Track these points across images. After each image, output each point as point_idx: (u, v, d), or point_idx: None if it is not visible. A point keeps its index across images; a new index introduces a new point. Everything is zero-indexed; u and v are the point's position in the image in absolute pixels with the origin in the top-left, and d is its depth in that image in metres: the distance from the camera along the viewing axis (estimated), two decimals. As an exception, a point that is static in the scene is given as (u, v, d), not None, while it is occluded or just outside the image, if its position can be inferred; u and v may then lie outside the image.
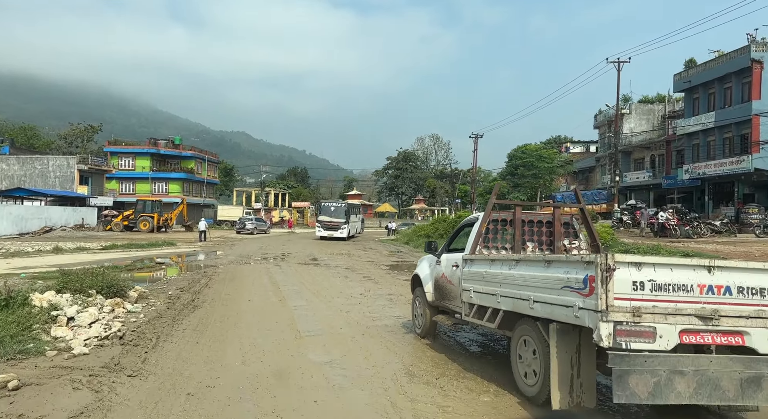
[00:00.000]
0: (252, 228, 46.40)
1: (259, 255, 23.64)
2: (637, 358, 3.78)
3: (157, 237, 35.77)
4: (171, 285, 12.91)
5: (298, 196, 77.45)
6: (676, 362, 3.82)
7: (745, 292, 4.01)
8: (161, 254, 23.77)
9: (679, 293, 3.91)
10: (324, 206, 37.40)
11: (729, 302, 3.97)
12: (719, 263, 4.06)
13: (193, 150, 64.32)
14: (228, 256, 22.84)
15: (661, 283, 3.90)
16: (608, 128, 45.80)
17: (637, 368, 3.75)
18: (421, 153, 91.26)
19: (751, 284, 4.03)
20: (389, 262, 21.66)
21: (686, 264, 4.05)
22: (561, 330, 4.31)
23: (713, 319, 3.90)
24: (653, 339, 3.83)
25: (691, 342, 3.93)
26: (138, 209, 43.26)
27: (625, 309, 3.80)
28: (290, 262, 20.30)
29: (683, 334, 3.88)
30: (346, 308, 10.15)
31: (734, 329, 3.96)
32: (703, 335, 3.92)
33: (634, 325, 3.81)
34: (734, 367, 3.88)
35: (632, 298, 3.83)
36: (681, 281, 3.93)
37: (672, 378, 3.77)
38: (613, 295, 3.78)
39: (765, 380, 3.87)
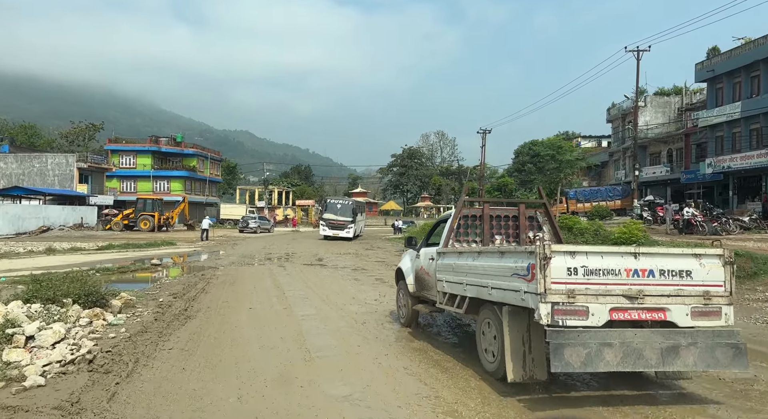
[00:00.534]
0: (255, 227, 45.09)
1: (263, 255, 22.31)
2: (571, 333, 4.32)
3: (156, 237, 34.49)
4: (163, 291, 11.57)
5: (302, 194, 76.08)
6: (605, 336, 4.37)
7: (666, 274, 4.57)
8: (159, 254, 22.45)
9: (609, 277, 4.47)
10: (329, 204, 34.60)
11: (652, 284, 4.54)
12: (643, 249, 4.65)
13: (195, 148, 63.01)
14: (229, 256, 21.51)
15: (592, 268, 4.46)
16: (622, 121, 44.24)
17: (571, 342, 4.29)
18: (426, 150, 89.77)
19: (671, 267, 4.60)
20: (401, 262, 20.31)
21: (615, 252, 4.66)
22: (512, 311, 4.88)
23: (639, 298, 4.47)
24: (586, 316, 4.39)
25: (620, 318, 4.47)
26: (138, 208, 41.99)
27: (561, 292, 4.35)
28: (295, 263, 18.95)
29: (613, 312, 4.45)
30: (362, 317, 8.77)
31: (657, 306, 4.51)
32: (630, 312, 4.48)
33: (569, 305, 4.36)
34: (655, 339, 4.44)
35: (567, 282, 4.38)
36: (610, 266, 4.49)
37: (601, 349, 4.32)
38: (550, 280, 4.34)
39: (682, 349, 4.44)
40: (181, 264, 18.49)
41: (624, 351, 4.38)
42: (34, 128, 73.30)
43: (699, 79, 31.60)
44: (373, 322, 8.37)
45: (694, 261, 4.70)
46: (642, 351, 4.42)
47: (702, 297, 4.63)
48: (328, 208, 34.12)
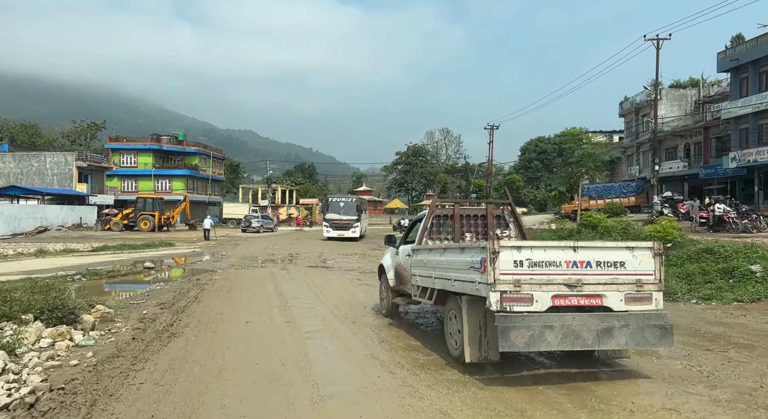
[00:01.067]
0: (258, 226, 43.74)
1: (265, 256, 20.95)
2: (517, 317, 4.87)
3: (156, 237, 33.18)
4: (151, 299, 10.20)
5: (305, 192, 74.69)
6: (547, 319, 4.91)
7: (602, 265, 5.12)
8: (155, 256, 21.11)
9: (551, 268, 5.02)
10: (332, 202, 31.16)
11: (590, 273, 5.08)
12: (582, 244, 5.24)
13: (198, 146, 61.72)
14: (230, 258, 20.15)
15: (536, 261, 5.00)
16: (635, 115, 42.65)
17: (517, 325, 4.85)
18: (431, 148, 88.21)
19: (607, 259, 5.15)
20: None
21: (556, 246, 5.21)
22: (470, 300, 5.49)
23: (578, 286, 5.04)
24: (531, 303, 4.93)
25: (561, 304, 5.01)
26: (138, 208, 40.72)
27: (508, 282, 4.92)
28: (299, 265, 17.57)
29: (555, 298, 4.99)
30: (380, 334, 7.37)
31: (594, 293, 5.09)
32: (570, 299, 5.04)
33: (515, 293, 4.92)
34: (592, 322, 4.99)
35: (514, 273, 4.94)
36: (552, 258, 5.03)
37: (543, 331, 4.87)
38: (499, 271, 4.90)
39: (615, 330, 5.00)
40: (176, 267, 17.11)
41: (564, 333, 4.86)
42: (35, 127, 72.11)
43: (721, 69, 30.01)
44: (399, 344, 6.97)
45: (628, 253, 5.17)
46: (580, 332, 4.90)
47: (635, 285, 5.12)
48: (330, 207, 30.78)
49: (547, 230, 21.62)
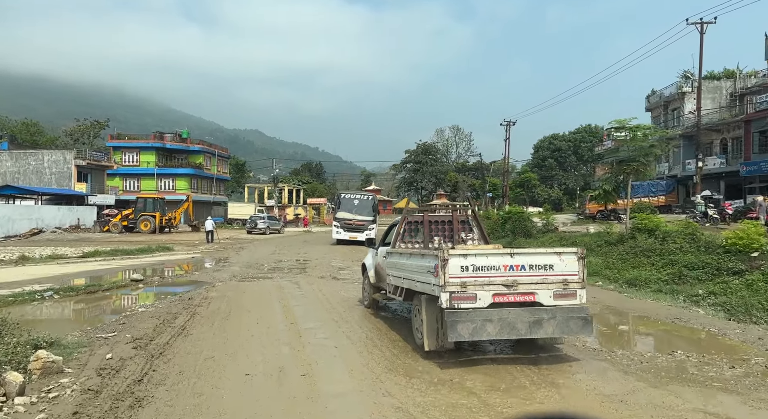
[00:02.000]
0: (264, 227, 41.47)
1: (271, 263, 18.63)
2: (462, 313, 5.75)
3: (156, 240, 30.98)
4: (125, 331, 7.87)
5: (313, 192, 72.42)
6: (487, 314, 5.79)
7: (535, 267, 5.99)
8: (149, 264, 18.84)
9: (491, 271, 5.91)
10: (344, 199, 27.08)
11: (524, 275, 5.97)
12: (517, 250, 6.21)
13: (202, 144, 59.52)
14: (232, 265, 17.84)
15: (479, 266, 5.89)
16: (664, 109, 39.98)
17: (462, 319, 5.71)
18: (442, 145, 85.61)
19: (538, 263, 6.02)
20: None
21: (496, 253, 6.19)
22: (428, 299, 6.33)
23: (514, 286, 5.93)
24: (475, 301, 5.82)
25: (500, 301, 5.90)
26: (138, 208, 38.56)
27: (456, 284, 5.80)
28: (311, 275, 15.22)
29: (495, 296, 5.89)
30: (454, 410, 4.98)
31: (528, 291, 5.96)
32: (507, 296, 5.92)
33: (462, 293, 5.80)
34: (525, 315, 5.85)
35: (461, 276, 5.83)
36: (492, 263, 5.93)
37: (484, 323, 5.74)
38: (448, 275, 5.79)
39: (544, 321, 5.87)
40: (168, 280, 14.76)
41: (501, 325, 5.78)
42: (36, 125, 70.17)
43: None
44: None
45: (556, 258, 6.10)
46: (515, 324, 5.81)
47: (562, 284, 6.03)
48: (341, 205, 26.50)
49: (590, 235, 19.12)
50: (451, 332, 5.69)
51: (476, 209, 8.96)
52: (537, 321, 5.83)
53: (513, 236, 21.88)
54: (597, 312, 10.11)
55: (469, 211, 9.23)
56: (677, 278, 12.66)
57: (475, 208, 9.02)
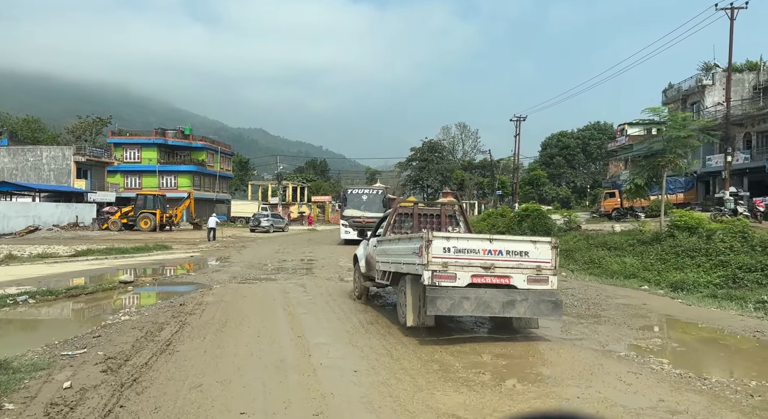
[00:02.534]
0: (268, 226, 40.10)
1: (275, 263, 17.26)
2: (442, 290, 6.24)
3: (155, 238, 29.66)
4: (97, 347, 6.48)
5: (317, 190, 70.99)
6: (465, 292, 6.26)
7: (511, 253, 6.43)
8: (143, 263, 17.48)
9: (471, 254, 6.35)
10: (351, 195, 24.43)
11: (501, 259, 6.40)
12: (496, 236, 6.60)
13: (205, 141, 58.17)
14: (233, 265, 16.46)
15: (460, 248, 6.34)
16: (683, 103, 38.35)
17: (442, 295, 6.21)
18: (448, 143, 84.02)
19: (515, 249, 6.46)
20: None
21: (476, 238, 6.59)
22: (412, 279, 6.84)
23: (491, 269, 6.36)
24: (455, 280, 6.28)
25: (478, 281, 6.35)
26: (138, 205, 37.24)
27: (438, 263, 6.25)
28: (318, 276, 13.82)
29: (473, 277, 6.34)
30: None
31: (504, 274, 6.40)
32: (485, 278, 6.37)
33: (443, 272, 6.25)
34: (499, 295, 6.32)
35: (443, 257, 6.27)
36: (472, 247, 6.37)
37: (462, 301, 6.22)
38: (431, 256, 6.23)
39: (517, 303, 6.33)
40: (161, 281, 13.36)
41: (477, 303, 6.24)
42: (38, 122, 69.06)
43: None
44: None
45: (531, 245, 6.53)
46: (489, 303, 6.28)
47: (535, 270, 6.45)
48: (348, 201, 24.01)
49: (619, 234, 17.61)
50: (431, 306, 6.19)
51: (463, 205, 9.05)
52: (510, 301, 6.31)
53: (532, 234, 20.42)
54: (657, 323, 8.62)
55: (456, 207, 10.06)
56: (731, 281, 11.22)
57: (463, 204, 9.41)
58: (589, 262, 15.83)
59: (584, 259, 16.18)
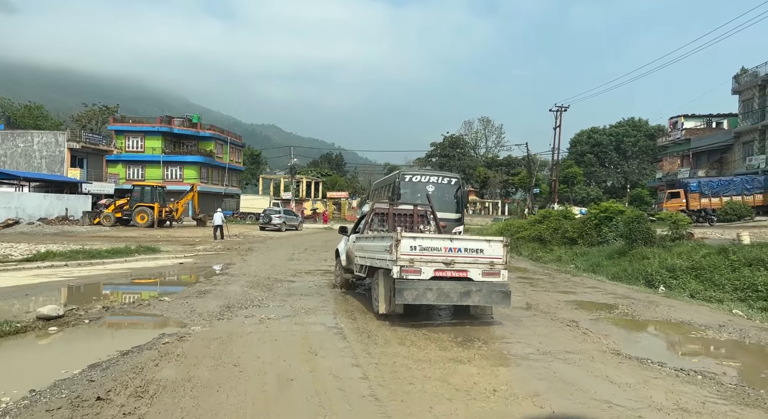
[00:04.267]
0: (280, 223, 35.31)
1: (289, 275, 12.41)
2: (409, 282, 7.07)
3: (151, 235, 25.04)
4: None
5: (333, 185, 66.15)
6: (428, 284, 7.10)
7: (469, 250, 7.26)
8: (112, 274, 12.63)
9: (435, 251, 7.16)
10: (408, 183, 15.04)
11: (460, 256, 7.22)
12: (455, 237, 7.65)
13: (213, 130, 53.47)
14: (229, 282, 11.55)
15: (425, 246, 7.16)
16: (760, 90, 32.86)
17: (408, 287, 7.04)
18: (470, 139, 78.77)
19: (471, 247, 7.30)
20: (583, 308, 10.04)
21: (439, 237, 7.53)
22: (384, 272, 7.64)
23: (451, 264, 7.19)
24: (420, 274, 7.10)
25: (440, 275, 7.19)
26: (134, 198, 32.62)
27: (406, 259, 7.05)
28: (361, 309, 8.83)
29: (436, 271, 7.16)
30: None
31: (462, 269, 7.23)
32: (446, 271, 7.19)
33: (410, 267, 7.07)
34: (457, 287, 7.18)
35: (410, 254, 7.08)
36: (435, 245, 7.20)
37: (425, 291, 7.06)
38: (400, 252, 7.04)
39: (473, 293, 7.20)
40: (109, 316, 8.27)
41: (438, 293, 7.10)
42: (40, 108, 64.95)
43: None
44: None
45: (486, 244, 7.35)
46: (449, 293, 7.13)
47: (489, 264, 7.29)
48: (404, 192, 14.54)
49: (759, 247, 12.41)
50: (399, 297, 7.03)
51: (433, 207, 10.45)
52: (467, 291, 7.18)
53: (629, 243, 15.26)
54: None
55: (428, 208, 10.47)
56: None
57: (433, 206, 10.55)
58: (746, 289, 10.73)
59: (735, 285, 11.08)
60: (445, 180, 15.28)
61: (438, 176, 15.29)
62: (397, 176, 15.16)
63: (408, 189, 14.64)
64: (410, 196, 14.25)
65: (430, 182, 14.92)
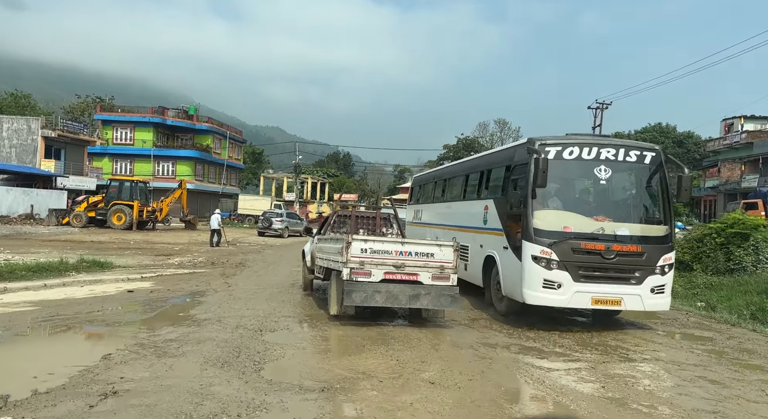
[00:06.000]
0: (281, 228, 30.01)
1: (295, 322, 7.09)
2: (357, 284, 7.09)
3: (125, 239, 19.84)
4: None
5: (340, 186, 60.98)
6: (377, 287, 7.12)
7: (420, 254, 7.29)
8: (12, 312, 7.29)
9: (385, 254, 7.22)
10: (559, 163, 7.58)
11: (410, 260, 7.25)
12: (407, 240, 7.60)
13: (211, 123, 48.20)
14: (182, 346, 6.23)
15: (376, 249, 7.22)
16: None
17: (356, 289, 7.05)
18: (486, 141, 73.47)
19: (422, 251, 7.33)
20: None
21: (390, 241, 7.53)
22: (337, 274, 7.60)
23: (402, 267, 7.23)
24: (370, 276, 7.15)
25: (390, 278, 7.21)
26: (110, 195, 27.35)
27: (356, 262, 7.13)
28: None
29: (386, 274, 7.20)
30: None
31: (412, 272, 7.25)
32: (396, 275, 7.22)
33: (360, 269, 7.14)
34: (406, 290, 7.17)
35: (360, 256, 7.15)
36: (386, 248, 7.26)
37: (374, 294, 7.07)
38: (350, 255, 7.10)
39: (421, 296, 7.18)
40: None
41: (387, 295, 7.10)
42: (28, 98, 59.80)
43: None
44: None
45: (437, 248, 7.38)
46: (398, 296, 7.13)
47: (439, 269, 7.30)
48: (557, 186, 8.12)
49: None
50: (347, 298, 7.02)
51: (396, 212, 10.57)
52: (416, 294, 7.17)
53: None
54: None
55: (392, 211, 10.73)
56: None
57: (395, 209, 10.85)
58: None
59: None
60: (633, 155, 7.90)
61: (617, 148, 7.97)
62: (526, 149, 7.80)
63: (560, 174, 7.83)
64: (566, 189, 8.02)
65: (604, 158, 7.64)
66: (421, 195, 16.03)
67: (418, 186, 16.78)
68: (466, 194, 11.45)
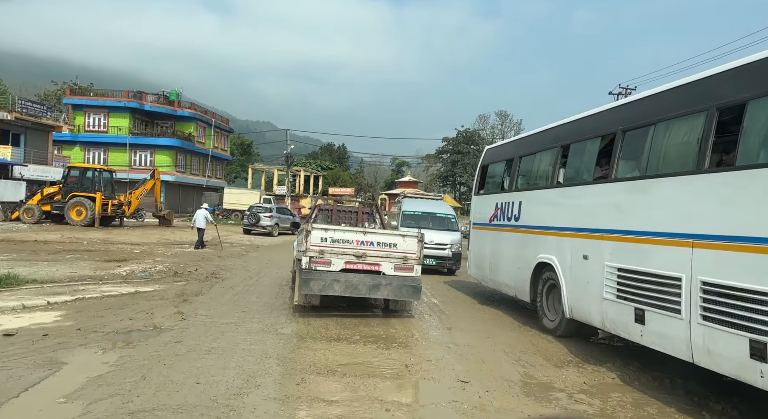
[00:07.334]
0: (270, 225, 25.94)
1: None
2: (316, 273, 7.07)
3: (78, 239, 15.87)
4: None
5: (335, 180, 56.95)
6: (336, 276, 7.09)
7: (381, 244, 7.26)
8: None
9: (346, 244, 7.16)
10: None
11: (372, 249, 7.22)
12: (369, 230, 7.49)
13: (194, 109, 43.72)
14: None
15: (336, 238, 7.15)
16: None
17: (315, 278, 7.03)
18: (486, 134, 69.80)
19: (385, 241, 7.30)
20: None
21: (351, 230, 7.41)
22: (298, 263, 7.64)
23: (363, 257, 7.19)
24: (330, 265, 7.13)
25: (351, 267, 7.18)
26: (69, 185, 23.06)
27: (316, 251, 7.10)
28: None
29: (347, 264, 7.17)
30: None
31: (374, 262, 7.23)
32: (357, 264, 7.19)
33: (319, 258, 7.10)
34: (366, 279, 7.14)
35: (320, 245, 7.11)
36: (347, 238, 7.19)
37: (332, 283, 7.04)
38: (310, 244, 7.08)
39: (382, 286, 7.17)
40: None
41: (346, 285, 7.05)
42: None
43: None
44: None
45: (400, 238, 7.36)
46: (357, 285, 7.09)
47: (402, 259, 7.28)
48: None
49: None
50: (305, 287, 7.02)
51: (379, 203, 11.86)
52: (376, 285, 7.13)
53: None
54: None
55: (374, 206, 11.08)
56: None
57: (378, 203, 11.50)
58: None
59: None
60: None
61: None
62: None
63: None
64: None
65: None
66: (512, 177, 9.10)
67: (504, 162, 9.63)
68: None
